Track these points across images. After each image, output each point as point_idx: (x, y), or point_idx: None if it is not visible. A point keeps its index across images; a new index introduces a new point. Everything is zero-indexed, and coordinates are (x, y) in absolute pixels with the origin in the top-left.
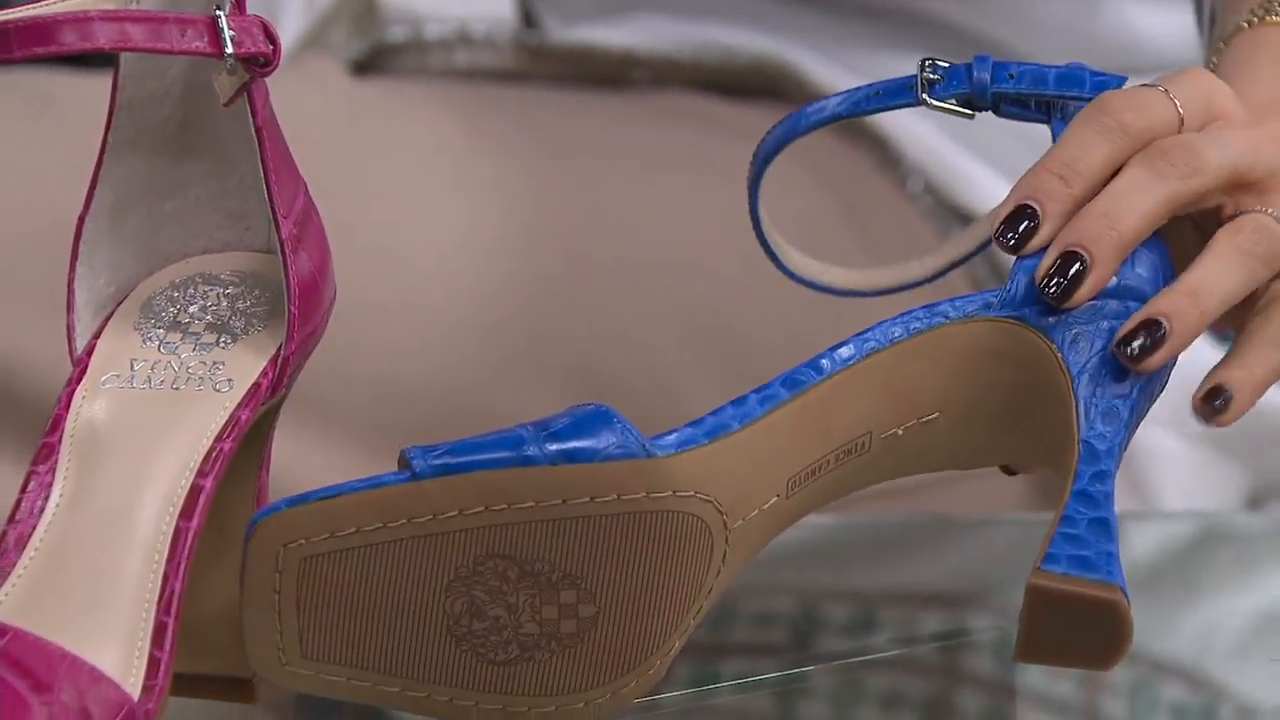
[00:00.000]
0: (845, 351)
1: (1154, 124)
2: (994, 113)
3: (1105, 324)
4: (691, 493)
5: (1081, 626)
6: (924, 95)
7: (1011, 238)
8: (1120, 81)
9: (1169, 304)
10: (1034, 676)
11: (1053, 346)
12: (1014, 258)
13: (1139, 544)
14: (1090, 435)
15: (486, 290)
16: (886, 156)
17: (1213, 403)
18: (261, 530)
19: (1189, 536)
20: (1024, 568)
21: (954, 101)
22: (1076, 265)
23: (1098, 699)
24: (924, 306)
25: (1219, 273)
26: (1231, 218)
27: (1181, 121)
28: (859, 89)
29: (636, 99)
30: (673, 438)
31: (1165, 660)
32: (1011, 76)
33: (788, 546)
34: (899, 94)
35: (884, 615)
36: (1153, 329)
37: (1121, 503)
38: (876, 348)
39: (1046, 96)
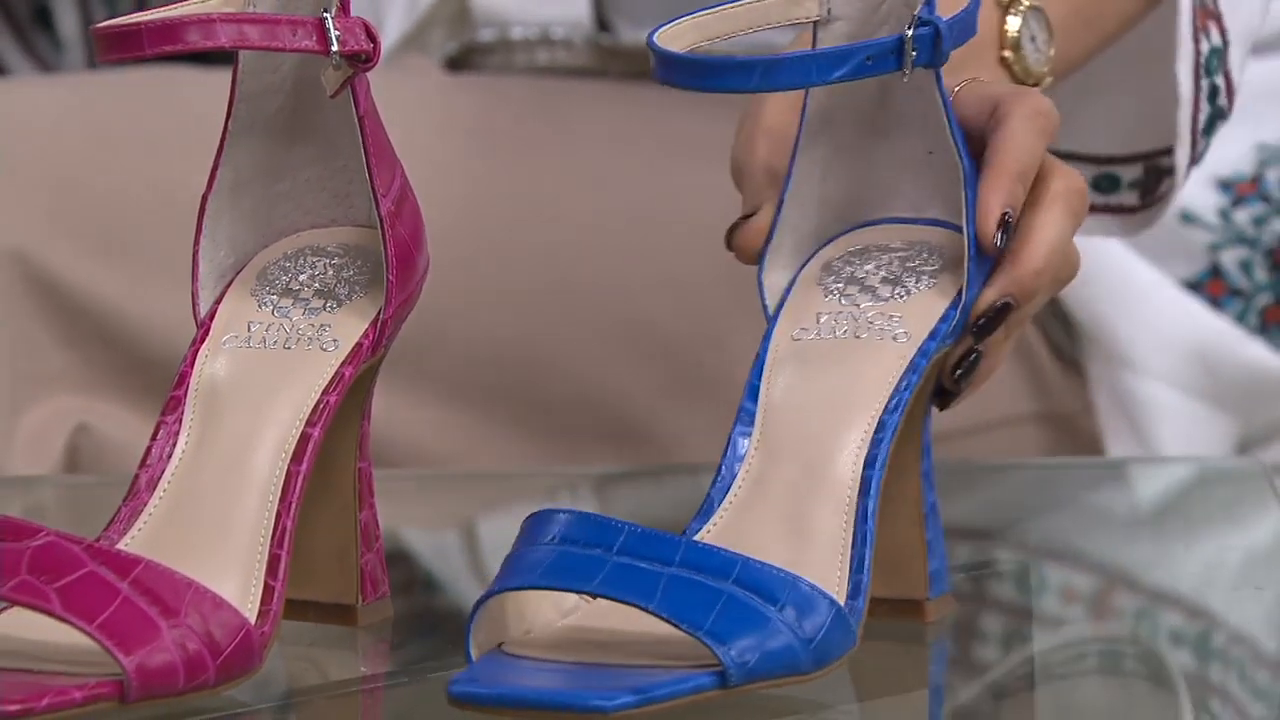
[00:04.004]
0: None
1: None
2: None
3: None
4: None
5: None
6: (908, 71)
7: (1004, 239)
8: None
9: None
10: (1049, 603)
11: None
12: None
13: (1144, 486)
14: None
15: (564, 257)
16: None
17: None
18: None
19: (1187, 479)
20: (1040, 508)
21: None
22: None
23: (1105, 624)
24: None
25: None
26: None
27: None
28: (851, 56)
29: (698, 92)
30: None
31: (1165, 589)
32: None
33: None
34: (886, 61)
35: None
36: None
37: (1127, 449)
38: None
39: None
